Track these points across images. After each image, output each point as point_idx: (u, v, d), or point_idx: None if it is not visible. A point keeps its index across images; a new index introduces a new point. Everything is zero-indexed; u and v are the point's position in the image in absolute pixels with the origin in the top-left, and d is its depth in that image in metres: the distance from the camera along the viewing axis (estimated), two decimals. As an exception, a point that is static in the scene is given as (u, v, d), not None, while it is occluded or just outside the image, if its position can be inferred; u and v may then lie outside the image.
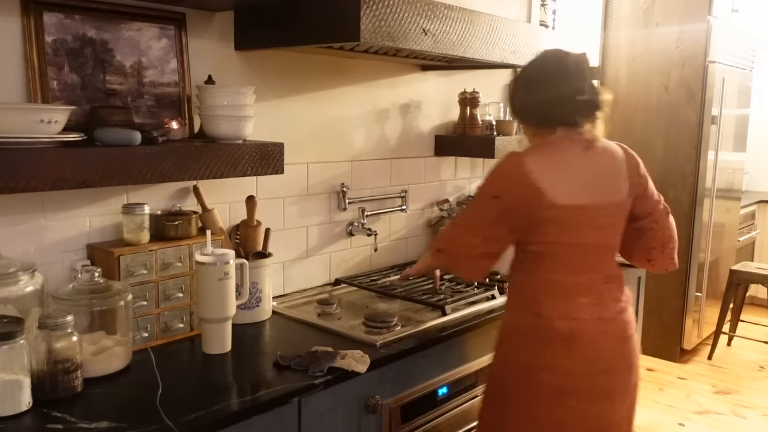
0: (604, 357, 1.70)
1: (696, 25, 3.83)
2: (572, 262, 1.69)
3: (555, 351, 1.67)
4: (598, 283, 1.72)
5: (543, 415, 1.70)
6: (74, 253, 1.71)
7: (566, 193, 1.64)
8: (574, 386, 1.68)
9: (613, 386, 1.73)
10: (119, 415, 1.33)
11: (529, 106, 1.75)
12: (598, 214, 1.69)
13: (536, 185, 1.62)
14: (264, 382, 1.53)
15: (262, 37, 1.94)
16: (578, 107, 1.66)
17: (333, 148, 2.36)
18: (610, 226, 1.73)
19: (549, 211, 1.63)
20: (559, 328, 1.67)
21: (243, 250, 1.99)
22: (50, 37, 1.60)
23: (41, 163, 1.36)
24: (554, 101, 1.68)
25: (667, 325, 4.08)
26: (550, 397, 1.69)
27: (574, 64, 1.67)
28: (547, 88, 1.69)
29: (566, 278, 1.69)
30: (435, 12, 1.95)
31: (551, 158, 1.67)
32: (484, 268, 1.77)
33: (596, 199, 1.68)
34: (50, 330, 1.38)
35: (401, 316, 2.01)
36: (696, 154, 3.91)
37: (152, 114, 1.79)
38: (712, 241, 4.14)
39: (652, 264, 1.91)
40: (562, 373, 1.67)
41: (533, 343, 1.70)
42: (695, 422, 3.32)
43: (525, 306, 1.73)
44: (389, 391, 1.75)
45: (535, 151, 1.68)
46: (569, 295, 1.69)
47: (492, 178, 1.70)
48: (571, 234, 1.67)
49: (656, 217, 1.83)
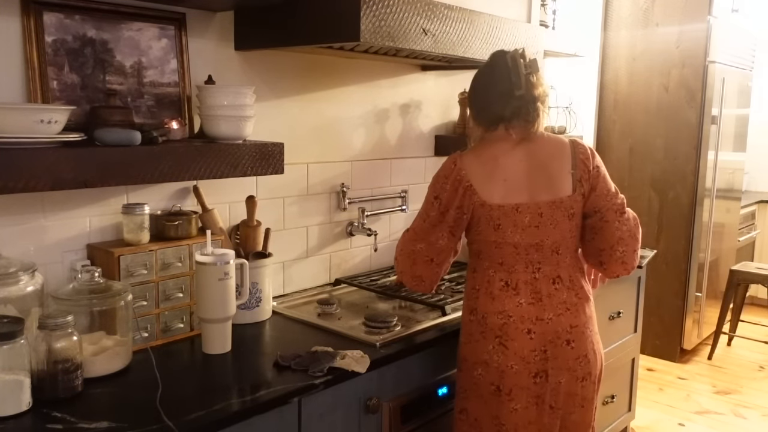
0: (540, 359, 1.67)
1: (696, 25, 3.83)
2: (509, 261, 1.68)
3: (490, 347, 1.68)
4: (541, 283, 1.68)
5: (479, 408, 1.72)
6: (74, 253, 1.71)
7: (496, 192, 1.65)
8: (508, 384, 1.67)
9: (544, 390, 1.68)
10: (119, 415, 1.33)
11: (474, 109, 1.76)
12: (532, 213, 1.65)
13: (467, 182, 1.65)
14: (264, 382, 1.53)
15: (262, 37, 1.94)
16: (513, 103, 1.65)
17: (333, 148, 2.36)
18: (548, 225, 1.66)
19: (480, 209, 1.66)
20: (492, 324, 1.68)
21: (243, 250, 1.99)
22: (50, 37, 1.60)
23: (41, 163, 1.35)
24: (492, 99, 1.69)
25: (667, 325, 4.08)
26: (486, 393, 1.70)
27: (510, 61, 1.66)
28: (486, 88, 1.71)
29: (503, 276, 1.69)
30: (435, 12, 1.95)
31: (482, 156, 1.68)
32: (434, 276, 1.74)
33: (529, 198, 1.65)
34: (50, 330, 1.38)
35: (401, 316, 2.02)
36: (696, 154, 3.91)
37: (152, 114, 1.79)
38: (712, 241, 4.14)
39: (604, 267, 1.77)
40: (497, 370, 1.68)
41: (470, 337, 1.73)
42: (695, 422, 3.32)
43: (467, 302, 1.77)
44: (389, 391, 1.75)
45: (472, 150, 1.71)
46: (506, 293, 1.68)
47: (433, 180, 1.73)
48: (505, 233, 1.66)
49: (606, 216, 1.70)
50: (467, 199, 1.66)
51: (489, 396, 1.70)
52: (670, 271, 4.01)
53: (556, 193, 1.67)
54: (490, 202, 1.65)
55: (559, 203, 1.67)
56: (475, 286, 1.74)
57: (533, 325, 1.66)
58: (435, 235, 1.70)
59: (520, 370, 1.67)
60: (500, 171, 1.66)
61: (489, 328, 1.69)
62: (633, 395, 3.00)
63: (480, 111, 1.74)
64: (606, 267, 1.76)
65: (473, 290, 1.74)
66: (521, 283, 1.68)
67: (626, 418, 2.98)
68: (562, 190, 1.67)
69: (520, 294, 1.67)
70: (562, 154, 1.70)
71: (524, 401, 1.68)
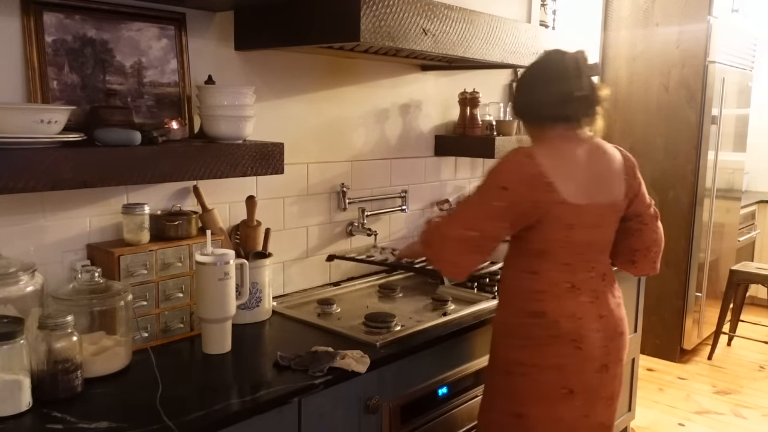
0: (603, 354, 1.72)
1: (696, 25, 3.82)
2: (573, 261, 1.70)
3: (562, 351, 1.68)
4: (595, 281, 1.73)
5: (542, 412, 1.71)
6: (74, 253, 1.71)
7: (572, 191, 1.65)
8: (581, 385, 1.70)
9: (610, 382, 1.76)
10: (119, 415, 1.33)
11: (530, 106, 1.76)
12: (595, 214, 1.69)
13: (547, 179, 1.62)
14: (264, 382, 1.53)
15: (262, 37, 1.94)
16: (576, 104, 1.67)
17: (333, 148, 2.36)
18: (605, 226, 1.74)
19: (557, 208, 1.63)
20: (566, 328, 1.67)
21: (243, 250, 1.99)
22: (50, 38, 1.60)
23: (41, 163, 1.35)
24: (553, 99, 1.69)
25: (667, 325, 4.08)
26: (555, 396, 1.69)
27: (572, 62, 1.68)
28: (547, 86, 1.70)
29: (568, 277, 1.70)
30: (435, 12, 1.95)
31: (557, 155, 1.67)
32: (473, 264, 1.74)
33: (595, 199, 1.68)
34: (50, 330, 1.37)
35: (401, 316, 2.01)
36: (696, 154, 3.91)
37: (152, 114, 1.79)
38: (712, 241, 4.14)
39: (635, 266, 1.90)
40: (570, 373, 1.69)
41: (530, 341, 1.70)
42: (695, 422, 3.32)
43: (525, 305, 1.72)
44: (389, 391, 1.75)
45: (542, 148, 1.69)
46: (572, 294, 1.69)
47: (500, 170, 1.67)
48: (575, 232, 1.67)
49: (645, 219, 1.84)
50: (546, 195, 1.62)
51: (558, 399, 1.70)
52: (670, 271, 4.00)
53: (613, 196, 1.73)
54: (569, 201, 1.64)
55: (614, 206, 1.74)
56: (537, 288, 1.71)
57: (598, 323, 1.71)
58: (493, 225, 1.66)
59: (591, 368, 1.70)
60: (572, 170, 1.67)
61: (563, 332, 1.68)
62: (633, 395, 2.99)
63: (534, 110, 1.74)
64: (637, 266, 1.90)
65: (535, 293, 1.71)
66: (582, 283, 1.71)
67: (626, 418, 2.98)
68: (617, 193, 1.74)
69: (582, 294, 1.71)
70: (615, 158, 1.76)
71: (585, 397, 1.72)
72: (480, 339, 2.03)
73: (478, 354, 2.03)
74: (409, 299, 2.25)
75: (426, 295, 2.26)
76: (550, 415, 1.71)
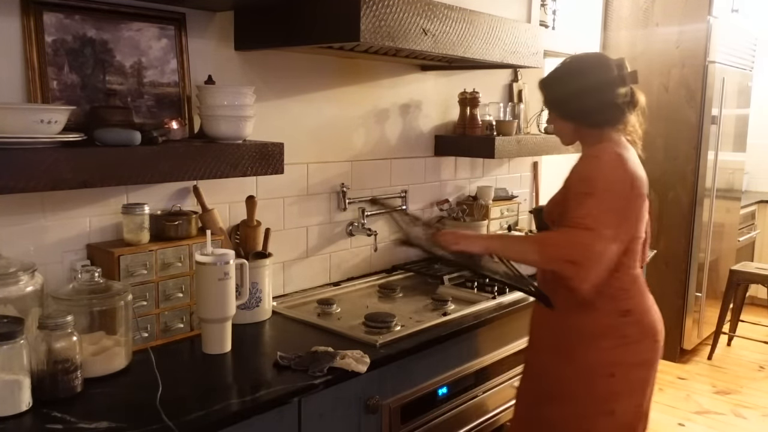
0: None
1: (696, 25, 3.83)
2: (639, 256, 1.77)
3: (648, 346, 1.76)
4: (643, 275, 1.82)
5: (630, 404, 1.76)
6: (74, 253, 1.71)
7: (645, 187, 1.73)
8: (654, 375, 1.81)
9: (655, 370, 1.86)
10: (119, 415, 1.33)
11: (584, 110, 1.76)
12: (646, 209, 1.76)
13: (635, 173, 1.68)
14: (264, 382, 1.53)
15: (262, 37, 1.94)
16: (623, 109, 1.74)
17: (333, 148, 2.36)
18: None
19: (640, 202, 1.70)
20: (649, 323, 1.76)
21: (243, 250, 1.99)
22: (50, 37, 1.60)
23: (41, 163, 1.35)
24: (606, 104, 1.73)
25: (667, 325, 3.99)
26: (641, 389, 1.77)
27: (617, 68, 1.75)
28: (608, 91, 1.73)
29: (640, 272, 1.78)
30: (435, 12, 1.95)
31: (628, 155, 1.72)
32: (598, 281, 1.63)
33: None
34: (50, 330, 1.37)
35: (401, 316, 2.01)
36: (696, 154, 3.91)
37: (152, 114, 1.79)
38: (712, 241, 4.14)
39: None
40: (652, 366, 1.78)
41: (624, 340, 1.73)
42: (695, 422, 3.32)
43: (615, 305, 1.73)
44: (389, 391, 1.75)
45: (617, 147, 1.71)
46: (645, 289, 1.79)
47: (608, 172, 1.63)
48: (642, 228, 1.75)
49: None
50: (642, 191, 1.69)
51: (641, 391, 1.78)
52: (670, 271, 4.01)
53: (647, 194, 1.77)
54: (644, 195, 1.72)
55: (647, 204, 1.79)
56: (622, 287, 1.72)
57: (658, 314, 1.80)
58: (624, 230, 1.64)
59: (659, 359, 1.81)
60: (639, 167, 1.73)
61: (647, 327, 1.75)
62: (633, 395, 2.99)
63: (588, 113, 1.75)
64: None
65: (622, 291, 1.72)
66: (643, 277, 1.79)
67: (626, 418, 2.97)
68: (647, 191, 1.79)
69: (647, 288, 1.80)
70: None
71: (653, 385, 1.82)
72: (480, 339, 2.03)
73: (477, 354, 2.03)
74: (409, 299, 2.25)
75: (426, 295, 2.26)
76: (635, 404, 1.77)
